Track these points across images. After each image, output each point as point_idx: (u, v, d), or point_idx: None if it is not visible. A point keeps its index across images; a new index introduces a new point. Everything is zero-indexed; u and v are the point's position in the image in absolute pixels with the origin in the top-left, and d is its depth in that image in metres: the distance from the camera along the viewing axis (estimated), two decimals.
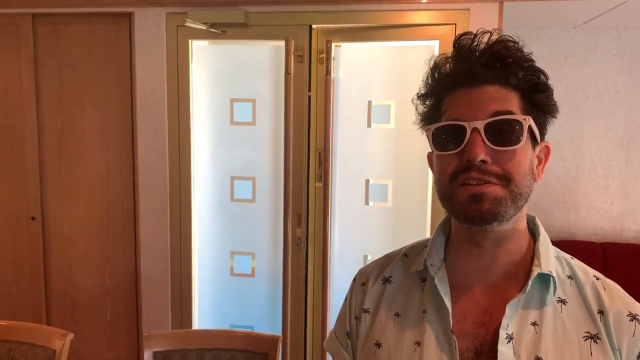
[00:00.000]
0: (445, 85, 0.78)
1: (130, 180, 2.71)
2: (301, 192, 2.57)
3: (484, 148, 0.71)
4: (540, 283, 0.76)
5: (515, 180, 0.73)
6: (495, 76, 0.74)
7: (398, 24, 2.43)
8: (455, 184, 0.74)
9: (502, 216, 0.73)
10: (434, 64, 0.80)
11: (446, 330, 0.76)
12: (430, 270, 0.81)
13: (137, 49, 2.60)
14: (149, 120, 2.63)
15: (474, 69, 0.74)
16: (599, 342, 0.72)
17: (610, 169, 3.44)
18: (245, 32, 2.53)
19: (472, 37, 0.76)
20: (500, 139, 0.72)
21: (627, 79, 3.37)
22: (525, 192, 0.74)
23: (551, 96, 0.77)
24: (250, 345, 1.74)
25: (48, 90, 2.73)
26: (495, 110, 0.72)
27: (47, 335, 1.73)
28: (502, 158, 0.72)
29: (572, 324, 0.74)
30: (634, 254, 3.26)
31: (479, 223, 0.73)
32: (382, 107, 2.55)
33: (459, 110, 0.75)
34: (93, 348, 2.84)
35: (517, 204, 0.74)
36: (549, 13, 2.96)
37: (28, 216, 2.79)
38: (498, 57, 0.74)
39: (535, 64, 0.76)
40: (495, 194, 0.72)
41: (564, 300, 0.76)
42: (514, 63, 0.74)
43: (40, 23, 2.69)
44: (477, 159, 0.71)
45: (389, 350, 0.80)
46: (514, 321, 0.74)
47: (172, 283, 2.70)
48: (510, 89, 0.74)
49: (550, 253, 0.79)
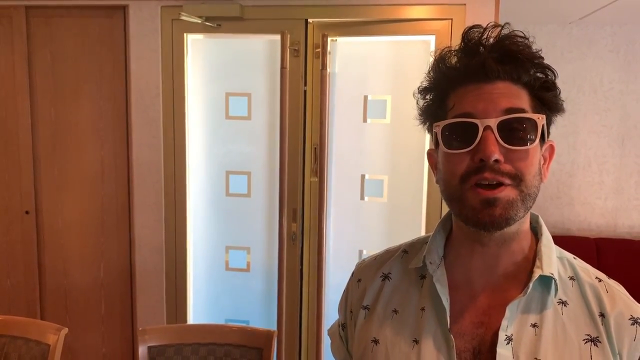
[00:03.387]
0: (452, 80, 0.74)
1: (125, 174, 2.70)
2: (296, 187, 2.57)
3: (497, 147, 0.68)
4: (542, 284, 0.75)
5: (526, 181, 0.70)
6: (507, 72, 0.71)
7: (394, 18, 2.42)
8: (466, 186, 0.71)
9: (513, 220, 0.71)
10: (439, 56, 0.76)
11: (444, 329, 0.75)
12: (428, 268, 0.79)
13: (132, 43, 2.58)
14: (143, 114, 2.62)
15: (487, 64, 0.71)
16: (599, 346, 0.71)
17: (604, 165, 3.45)
18: (241, 26, 2.52)
19: (481, 30, 0.73)
20: (514, 138, 0.69)
21: (622, 75, 3.38)
22: (533, 193, 0.72)
23: (559, 94, 0.75)
24: (245, 340, 1.74)
25: (42, 83, 2.70)
26: (508, 107, 0.70)
27: (41, 329, 1.72)
28: (515, 157, 0.70)
29: (573, 326, 0.73)
30: (627, 249, 3.28)
31: (490, 229, 0.71)
32: (378, 102, 2.55)
33: (470, 106, 0.71)
34: (87, 343, 2.84)
35: (527, 205, 0.72)
36: (545, 8, 2.96)
37: (22, 210, 2.77)
38: (509, 52, 0.71)
39: (545, 61, 0.74)
40: (508, 197, 0.69)
41: (565, 301, 0.74)
42: (525, 59, 0.72)
43: (34, 15, 2.66)
44: (491, 158, 0.68)
45: (387, 347, 0.79)
46: (513, 322, 0.73)
47: (166, 277, 2.70)
48: (521, 86, 0.72)
49: (552, 254, 0.77)
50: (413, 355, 0.76)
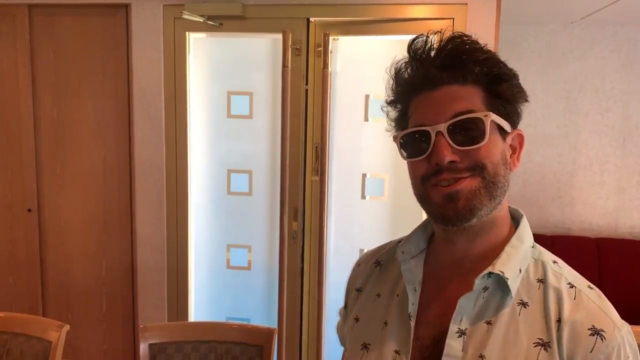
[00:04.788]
0: (407, 91, 0.79)
1: (127, 172, 2.71)
2: (298, 186, 2.57)
3: (450, 149, 0.72)
4: (502, 284, 0.74)
5: (488, 168, 0.72)
6: (452, 76, 0.73)
7: (396, 17, 2.42)
8: (428, 185, 0.75)
9: (479, 209, 0.73)
10: (394, 70, 0.82)
11: (405, 315, 0.80)
12: (399, 258, 0.84)
13: (134, 41, 2.59)
14: (145, 113, 2.63)
15: (429, 73, 0.74)
16: (548, 351, 0.70)
17: (606, 165, 3.45)
18: (243, 24, 2.52)
19: (424, 39, 0.76)
20: (465, 138, 0.72)
21: (623, 75, 3.37)
22: (499, 182, 0.74)
23: (515, 84, 0.76)
24: (246, 338, 1.74)
25: (44, 81, 2.71)
26: (456, 112, 0.72)
27: (43, 326, 1.73)
28: (471, 154, 0.72)
29: (527, 328, 0.72)
30: (628, 249, 3.27)
31: (456, 222, 0.74)
32: (380, 101, 2.54)
33: (422, 115, 0.75)
34: (89, 340, 2.85)
35: (492, 194, 0.73)
36: (547, 8, 2.95)
37: (24, 208, 2.79)
38: (451, 55, 0.74)
39: (495, 55, 0.75)
40: (469, 187, 0.72)
41: (525, 303, 0.73)
42: (468, 59, 0.73)
43: (37, 14, 2.67)
44: (444, 162, 0.72)
45: (363, 325, 0.86)
46: (470, 317, 0.74)
47: (168, 275, 2.71)
48: (470, 86, 0.74)
49: (517, 254, 0.76)
50: (382, 334, 0.81)
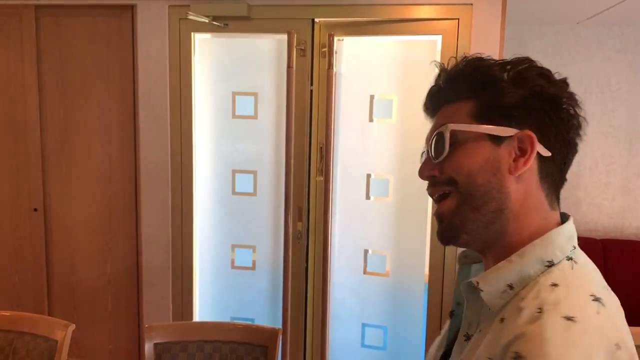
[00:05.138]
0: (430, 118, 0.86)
1: (132, 172, 2.72)
2: (302, 186, 2.58)
3: (430, 165, 0.78)
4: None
5: (460, 181, 0.74)
6: (440, 102, 0.79)
7: (401, 18, 2.42)
8: None
9: (462, 225, 0.74)
10: None
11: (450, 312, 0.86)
12: (457, 267, 0.88)
13: (140, 42, 2.60)
14: (151, 113, 2.64)
15: (425, 109, 0.83)
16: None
17: (612, 166, 3.43)
18: (248, 25, 2.53)
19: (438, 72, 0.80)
20: (436, 152, 0.77)
21: (630, 75, 3.36)
22: (479, 191, 0.72)
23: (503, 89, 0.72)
24: (250, 338, 1.75)
25: (50, 82, 2.73)
26: (436, 129, 0.78)
27: (48, 325, 1.74)
28: (444, 166, 0.76)
29: (488, 343, 0.67)
30: (634, 250, 3.26)
31: (447, 242, 0.78)
32: (384, 102, 2.55)
33: None
34: (94, 339, 2.86)
35: (472, 205, 0.72)
36: (553, 8, 2.94)
37: (30, 208, 2.80)
38: (447, 79, 0.78)
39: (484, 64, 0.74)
40: (449, 207, 0.75)
41: (503, 319, 0.68)
42: (456, 78, 0.76)
43: (43, 14, 2.69)
44: (422, 176, 0.80)
45: None
46: (480, 324, 0.73)
47: (173, 275, 2.71)
48: (462, 102, 0.76)
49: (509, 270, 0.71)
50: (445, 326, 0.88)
